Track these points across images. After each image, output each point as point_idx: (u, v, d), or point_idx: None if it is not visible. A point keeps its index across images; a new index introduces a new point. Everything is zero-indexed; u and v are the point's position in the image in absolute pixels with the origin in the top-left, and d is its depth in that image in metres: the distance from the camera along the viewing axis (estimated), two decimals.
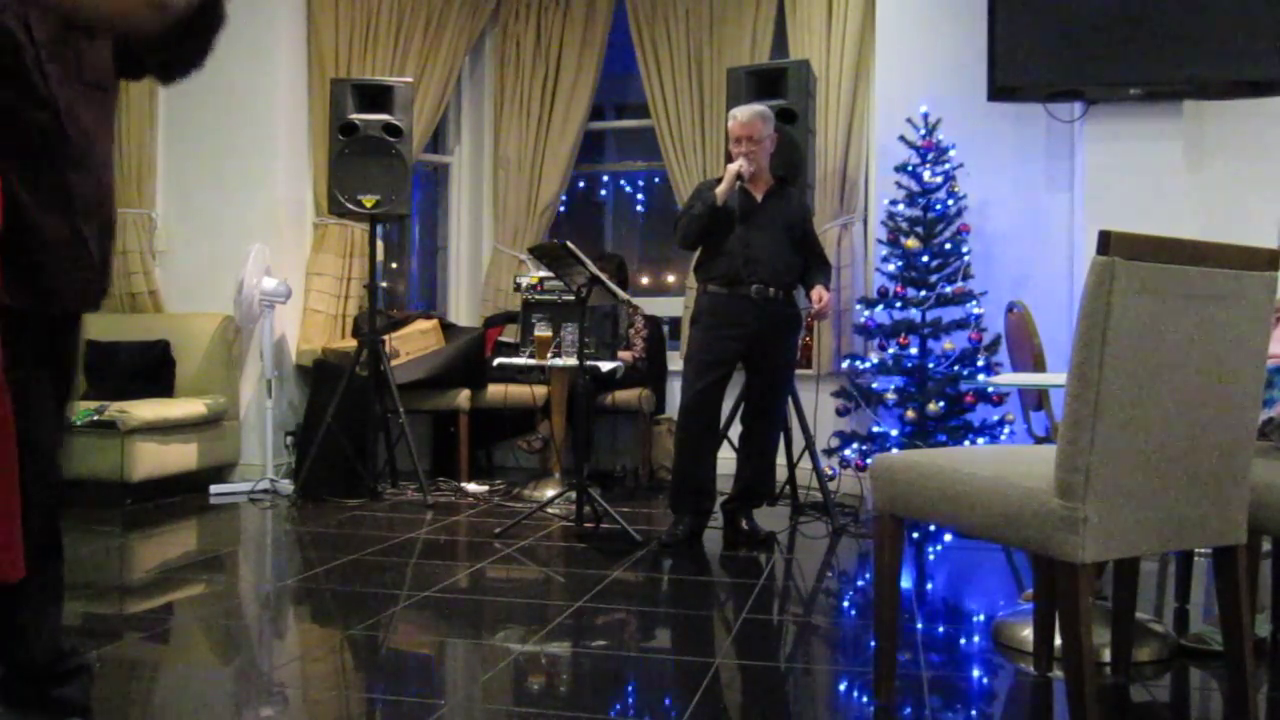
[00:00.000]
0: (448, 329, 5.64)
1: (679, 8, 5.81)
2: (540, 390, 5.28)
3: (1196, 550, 3.19)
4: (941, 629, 2.93)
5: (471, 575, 3.49)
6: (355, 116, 4.95)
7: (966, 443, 4.47)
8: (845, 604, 3.32)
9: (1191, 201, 4.53)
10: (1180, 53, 4.45)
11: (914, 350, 4.60)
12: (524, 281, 5.06)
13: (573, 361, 4.55)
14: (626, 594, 3.28)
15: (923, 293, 4.63)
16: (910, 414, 4.51)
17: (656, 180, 6.58)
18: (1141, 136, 4.58)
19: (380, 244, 5.33)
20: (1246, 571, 2.09)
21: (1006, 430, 4.53)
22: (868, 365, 4.74)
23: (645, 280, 6.79)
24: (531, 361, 4.79)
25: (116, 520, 4.40)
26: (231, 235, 5.28)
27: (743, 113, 4.01)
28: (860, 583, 3.54)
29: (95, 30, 1.96)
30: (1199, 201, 4.54)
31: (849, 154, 5.40)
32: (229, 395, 5.23)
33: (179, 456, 4.86)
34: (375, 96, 5.01)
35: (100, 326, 5.28)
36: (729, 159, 4.04)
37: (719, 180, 3.97)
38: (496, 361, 4.96)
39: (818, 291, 4.02)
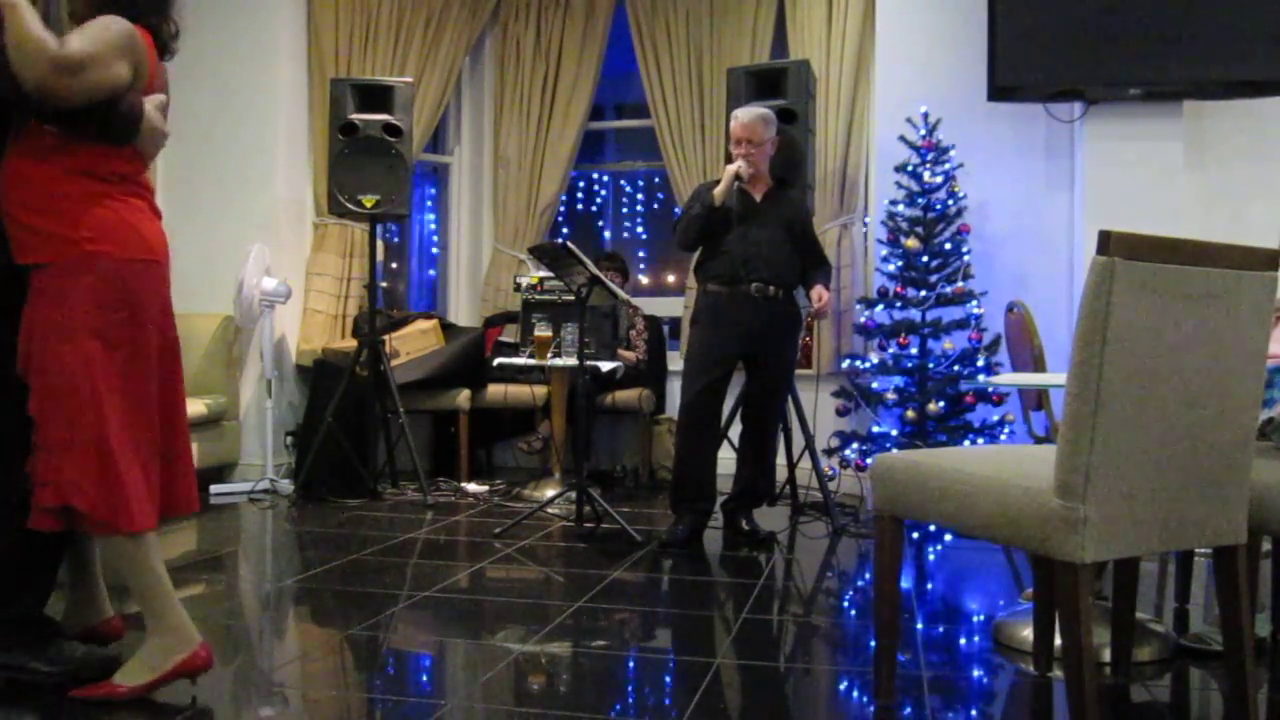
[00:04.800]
0: (448, 329, 5.64)
1: (679, 8, 5.81)
2: (540, 390, 5.28)
3: (1196, 550, 3.19)
4: (941, 629, 2.93)
5: (471, 575, 3.49)
6: (355, 116, 4.95)
7: (966, 443, 4.48)
8: (845, 604, 3.32)
9: (1191, 201, 4.54)
10: (1180, 53, 4.45)
11: (914, 350, 4.60)
12: (524, 281, 5.06)
13: (573, 361, 4.55)
14: (626, 594, 3.28)
15: (923, 293, 4.63)
16: (910, 414, 4.51)
17: (656, 180, 6.57)
18: (1141, 136, 4.58)
19: (380, 244, 5.33)
20: (1246, 571, 2.09)
21: (1006, 430, 4.53)
22: (868, 365, 4.74)
23: (645, 280, 6.78)
24: (531, 361, 4.79)
25: None
26: (231, 235, 5.28)
27: (745, 114, 4.00)
28: (860, 583, 3.54)
29: None
30: (1199, 201, 4.54)
31: (849, 154, 5.41)
32: (229, 395, 5.22)
33: None
34: (375, 96, 5.00)
35: None
36: (729, 159, 4.04)
37: (718, 181, 3.97)
38: (496, 361, 4.97)
39: (817, 291, 4.02)
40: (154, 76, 2.28)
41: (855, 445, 4.69)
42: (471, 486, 5.20)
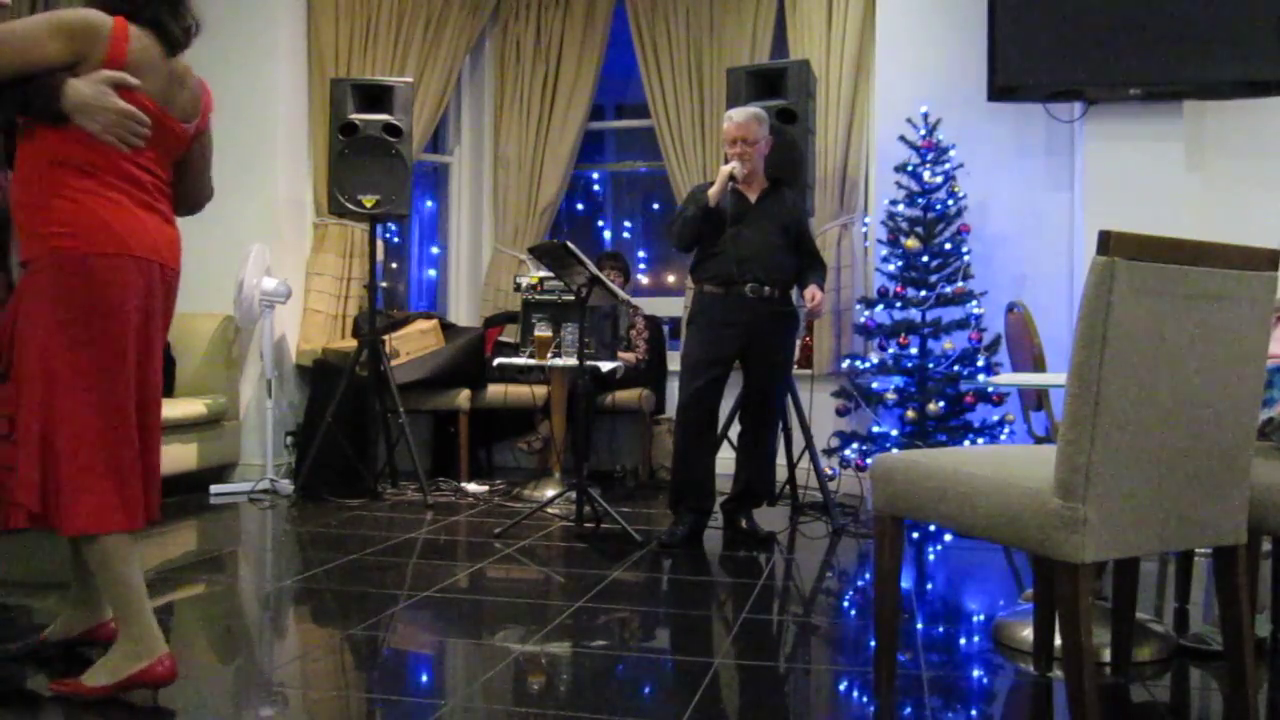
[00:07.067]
0: (448, 329, 5.64)
1: (679, 8, 5.81)
2: (540, 390, 5.28)
3: (1196, 550, 3.19)
4: (941, 629, 2.93)
5: (471, 575, 3.49)
6: (355, 116, 4.95)
7: (966, 443, 4.48)
8: (845, 604, 3.32)
9: (1191, 201, 4.53)
10: (1180, 53, 4.45)
11: (914, 350, 4.60)
12: (524, 281, 5.06)
13: (573, 361, 4.55)
14: (626, 594, 3.28)
15: (923, 293, 4.63)
16: (910, 414, 4.51)
17: (656, 180, 6.57)
18: (1141, 136, 4.58)
19: (380, 244, 5.33)
20: (1246, 571, 2.09)
21: (1006, 430, 4.53)
22: (868, 365, 4.74)
23: (645, 280, 6.78)
24: (531, 361, 4.79)
25: None
26: (231, 235, 5.27)
27: (739, 114, 4.01)
28: (860, 583, 3.54)
29: None
30: (1199, 201, 4.54)
31: (849, 154, 5.40)
32: (229, 395, 5.22)
33: (179, 456, 4.86)
34: (375, 96, 5.00)
35: None
36: (729, 160, 4.04)
37: (713, 182, 3.98)
38: (496, 361, 4.97)
39: (811, 290, 4.03)
40: (115, 64, 2.16)
41: (855, 445, 4.69)
42: (471, 486, 5.20)
